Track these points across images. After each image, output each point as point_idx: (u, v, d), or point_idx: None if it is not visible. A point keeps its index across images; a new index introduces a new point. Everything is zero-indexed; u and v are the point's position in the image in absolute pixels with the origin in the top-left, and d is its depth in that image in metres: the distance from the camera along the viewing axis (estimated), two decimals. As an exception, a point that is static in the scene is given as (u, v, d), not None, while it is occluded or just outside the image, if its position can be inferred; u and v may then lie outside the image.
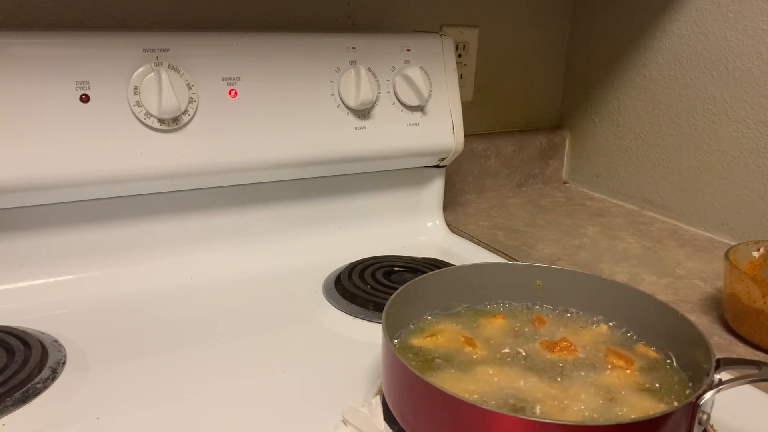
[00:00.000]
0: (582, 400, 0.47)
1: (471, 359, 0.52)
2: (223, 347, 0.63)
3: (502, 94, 1.15)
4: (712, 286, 0.81)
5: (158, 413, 0.53)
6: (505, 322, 0.58)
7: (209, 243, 0.79)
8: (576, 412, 0.46)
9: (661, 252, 0.92)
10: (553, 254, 0.89)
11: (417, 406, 0.45)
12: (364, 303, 0.71)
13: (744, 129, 0.92)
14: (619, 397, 0.48)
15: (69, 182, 0.67)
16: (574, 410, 0.46)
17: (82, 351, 0.61)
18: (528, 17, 1.13)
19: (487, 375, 0.50)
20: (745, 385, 0.46)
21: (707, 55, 0.96)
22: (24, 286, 0.70)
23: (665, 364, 0.53)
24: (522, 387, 0.49)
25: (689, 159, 1.01)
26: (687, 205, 1.02)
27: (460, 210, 1.06)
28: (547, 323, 0.58)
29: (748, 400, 0.58)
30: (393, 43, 0.85)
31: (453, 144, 0.89)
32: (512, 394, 0.48)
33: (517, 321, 0.59)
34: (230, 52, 0.75)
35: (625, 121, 1.10)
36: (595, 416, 0.46)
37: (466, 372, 0.50)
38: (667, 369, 0.52)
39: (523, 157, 1.18)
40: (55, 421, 0.51)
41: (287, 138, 0.78)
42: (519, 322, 0.59)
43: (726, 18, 0.92)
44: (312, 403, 0.55)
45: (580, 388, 0.49)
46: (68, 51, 0.67)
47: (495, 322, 0.58)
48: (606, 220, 1.04)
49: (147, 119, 0.70)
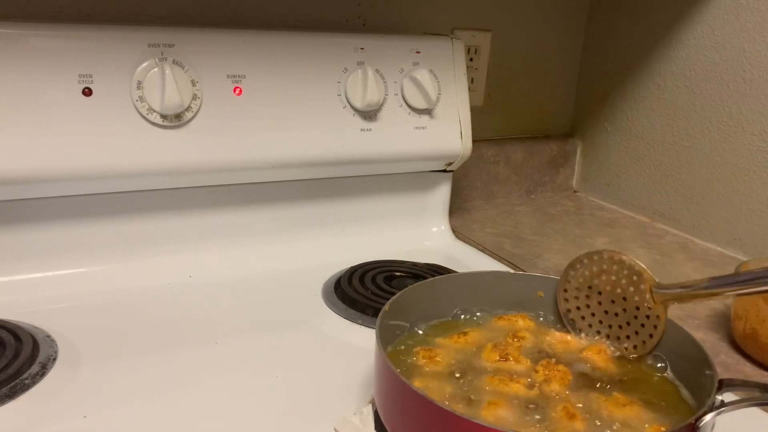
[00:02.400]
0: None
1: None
2: (217, 348, 0.62)
3: (513, 99, 1.14)
4: (722, 303, 0.78)
5: (145, 414, 0.52)
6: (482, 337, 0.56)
7: (209, 242, 0.79)
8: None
9: (671, 265, 0.90)
10: (559, 264, 0.87)
11: (406, 417, 0.44)
12: (363, 308, 0.70)
13: (760, 142, 0.90)
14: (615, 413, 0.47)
15: (69, 176, 0.67)
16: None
17: (75, 347, 0.60)
18: (542, 22, 1.11)
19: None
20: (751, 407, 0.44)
21: (724, 65, 0.94)
22: (20, 279, 0.69)
23: (666, 380, 0.51)
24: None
25: (702, 171, 0.99)
26: (699, 218, 1.00)
27: (467, 216, 1.05)
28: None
29: (754, 423, 0.56)
30: (402, 44, 0.83)
31: (460, 149, 0.88)
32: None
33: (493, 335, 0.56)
34: (236, 49, 0.74)
35: (638, 131, 1.09)
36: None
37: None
38: (669, 386, 0.50)
39: (533, 165, 1.17)
40: (41, 419, 0.50)
41: (291, 138, 0.77)
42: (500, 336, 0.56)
43: (744, 28, 0.90)
44: (304, 410, 0.54)
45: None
46: (72, 44, 0.66)
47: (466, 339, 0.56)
48: (615, 231, 1.02)
49: (149, 115, 0.69)
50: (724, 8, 0.93)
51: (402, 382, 0.43)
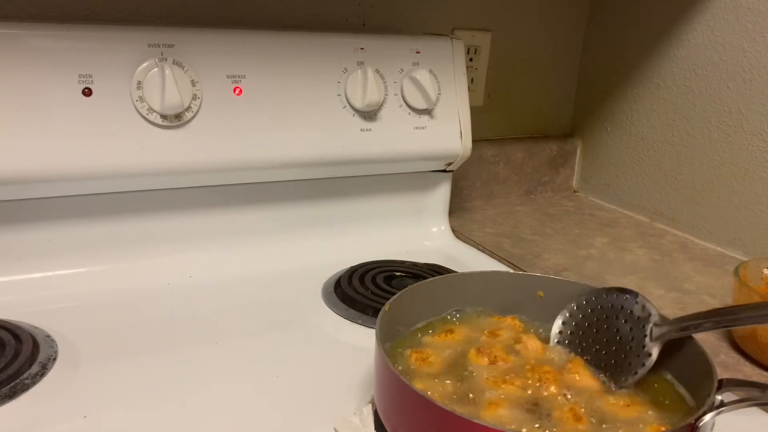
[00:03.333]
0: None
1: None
2: (217, 348, 0.62)
3: (513, 99, 1.14)
4: (721, 303, 0.79)
5: (145, 414, 0.52)
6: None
7: (209, 242, 0.79)
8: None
9: (670, 265, 0.90)
10: (558, 264, 0.87)
11: (406, 417, 0.44)
12: (363, 308, 0.70)
13: (759, 142, 0.90)
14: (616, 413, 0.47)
15: (69, 176, 0.67)
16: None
17: (75, 347, 0.60)
18: (542, 23, 1.11)
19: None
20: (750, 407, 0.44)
21: (724, 65, 0.94)
22: (20, 279, 0.69)
23: (666, 380, 0.51)
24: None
25: (702, 171, 0.99)
26: (698, 218, 1.00)
27: (467, 216, 1.05)
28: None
29: (754, 423, 0.56)
30: (402, 44, 0.83)
31: (460, 149, 0.88)
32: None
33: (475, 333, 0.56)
34: (236, 49, 0.74)
35: (638, 131, 1.08)
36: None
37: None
38: (668, 386, 0.50)
39: (533, 165, 1.17)
40: (41, 419, 0.50)
41: (291, 138, 0.77)
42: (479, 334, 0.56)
43: (744, 28, 0.90)
44: (304, 410, 0.54)
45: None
46: (72, 44, 0.66)
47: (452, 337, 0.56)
48: (615, 230, 1.02)
49: (149, 115, 0.69)
50: (724, 8, 0.93)
51: (402, 382, 0.43)
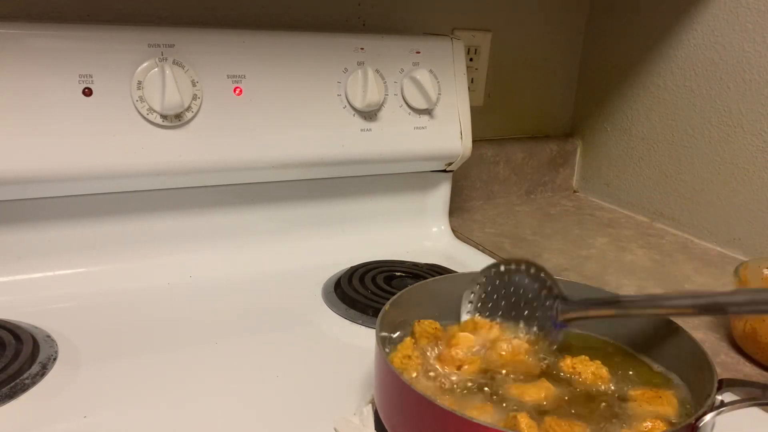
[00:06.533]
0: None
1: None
2: (217, 348, 0.62)
3: (513, 99, 1.14)
4: (721, 303, 0.78)
5: (145, 414, 0.52)
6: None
7: (210, 242, 0.79)
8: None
9: (670, 266, 0.90)
10: (558, 264, 0.87)
11: (406, 417, 0.44)
12: (364, 308, 0.70)
13: (759, 142, 0.90)
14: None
15: (69, 176, 0.67)
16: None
17: (75, 347, 0.60)
18: (542, 23, 1.11)
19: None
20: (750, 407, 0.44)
21: (724, 66, 0.94)
22: (20, 279, 0.69)
23: (668, 381, 0.51)
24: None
25: (702, 171, 0.99)
26: (699, 218, 1.00)
27: (467, 216, 1.05)
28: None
29: (754, 423, 0.56)
30: (402, 45, 0.83)
31: (460, 149, 0.88)
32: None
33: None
34: (236, 49, 0.74)
35: (638, 131, 1.08)
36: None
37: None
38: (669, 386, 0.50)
39: (533, 165, 1.17)
40: (41, 419, 0.50)
41: (291, 138, 0.77)
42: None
43: (744, 29, 0.90)
44: (305, 410, 0.54)
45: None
46: (72, 44, 0.66)
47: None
48: (615, 231, 1.02)
49: (149, 115, 0.69)
50: (724, 8, 0.93)
51: (402, 382, 0.43)
